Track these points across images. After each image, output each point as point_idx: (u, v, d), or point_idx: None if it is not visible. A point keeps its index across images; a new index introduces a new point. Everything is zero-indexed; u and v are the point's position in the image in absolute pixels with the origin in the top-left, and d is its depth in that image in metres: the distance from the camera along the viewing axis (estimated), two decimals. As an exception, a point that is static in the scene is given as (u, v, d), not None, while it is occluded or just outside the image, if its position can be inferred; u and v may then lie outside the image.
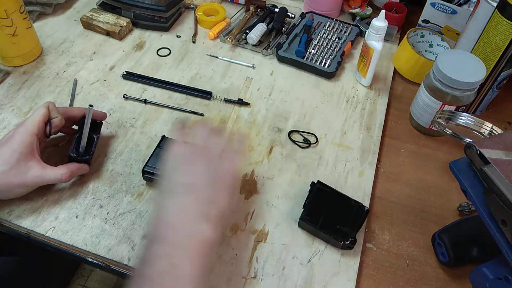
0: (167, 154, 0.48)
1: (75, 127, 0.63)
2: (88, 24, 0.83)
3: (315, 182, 0.58)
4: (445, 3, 0.81)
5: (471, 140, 0.61)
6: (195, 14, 0.88)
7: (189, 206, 0.43)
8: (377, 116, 0.72)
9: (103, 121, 0.63)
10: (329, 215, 0.55)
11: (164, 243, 0.40)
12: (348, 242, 0.53)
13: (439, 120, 0.62)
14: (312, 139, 0.68)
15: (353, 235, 0.53)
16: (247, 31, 0.82)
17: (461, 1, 0.82)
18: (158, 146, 0.61)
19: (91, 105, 0.56)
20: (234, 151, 0.51)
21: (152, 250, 0.40)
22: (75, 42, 0.81)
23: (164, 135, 0.62)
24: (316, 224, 0.54)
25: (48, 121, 0.56)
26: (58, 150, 0.63)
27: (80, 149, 0.58)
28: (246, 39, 0.82)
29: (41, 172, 0.52)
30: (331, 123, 0.70)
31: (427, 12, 0.84)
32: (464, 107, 0.65)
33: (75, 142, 0.58)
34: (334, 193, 0.58)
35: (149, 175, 0.58)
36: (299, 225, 0.57)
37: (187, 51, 0.81)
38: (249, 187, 0.61)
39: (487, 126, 0.56)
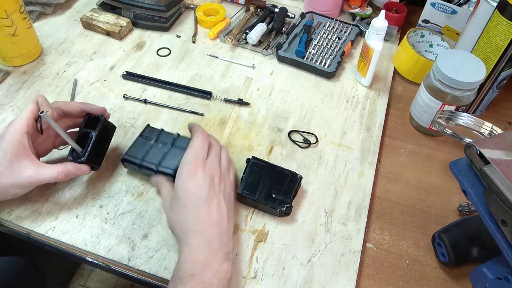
0: (189, 175, 0.51)
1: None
2: (88, 24, 0.83)
3: (250, 158, 0.60)
4: (445, 3, 0.81)
5: (471, 140, 0.61)
6: (195, 14, 0.88)
7: (216, 246, 0.48)
8: (377, 116, 0.72)
9: (104, 117, 0.58)
10: (265, 187, 0.57)
11: (198, 283, 0.45)
12: (285, 209, 0.55)
13: (439, 120, 0.62)
14: (312, 139, 0.68)
15: (289, 202, 0.56)
16: (247, 31, 0.82)
17: (461, 1, 0.82)
18: (140, 135, 0.60)
19: (41, 112, 0.50)
20: (229, 178, 0.56)
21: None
22: (75, 42, 0.81)
23: (148, 124, 0.61)
24: (253, 196, 0.56)
25: (38, 116, 0.53)
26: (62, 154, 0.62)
27: (74, 151, 0.55)
28: (246, 39, 0.82)
29: (36, 171, 0.51)
30: (331, 123, 0.70)
31: (427, 12, 0.84)
32: (464, 107, 0.65)
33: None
34: (268, 165, 0.60)
35: (128, 163, 0.58)
36: (238, 200, 0.59)
37: (187, 51, 0.81)
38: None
39: (487, 126, 0.56)
